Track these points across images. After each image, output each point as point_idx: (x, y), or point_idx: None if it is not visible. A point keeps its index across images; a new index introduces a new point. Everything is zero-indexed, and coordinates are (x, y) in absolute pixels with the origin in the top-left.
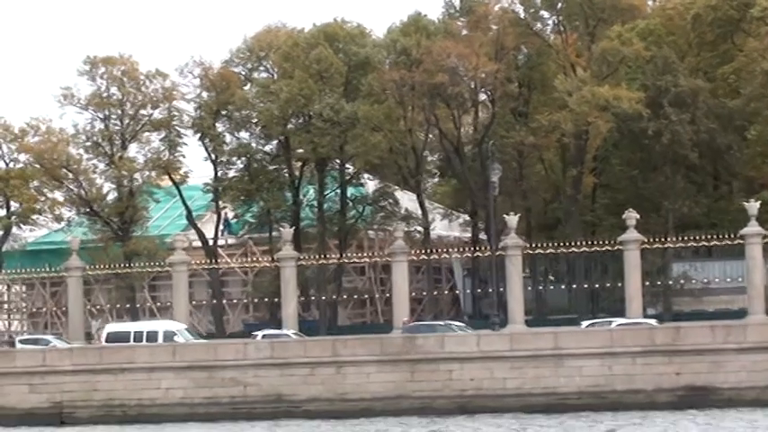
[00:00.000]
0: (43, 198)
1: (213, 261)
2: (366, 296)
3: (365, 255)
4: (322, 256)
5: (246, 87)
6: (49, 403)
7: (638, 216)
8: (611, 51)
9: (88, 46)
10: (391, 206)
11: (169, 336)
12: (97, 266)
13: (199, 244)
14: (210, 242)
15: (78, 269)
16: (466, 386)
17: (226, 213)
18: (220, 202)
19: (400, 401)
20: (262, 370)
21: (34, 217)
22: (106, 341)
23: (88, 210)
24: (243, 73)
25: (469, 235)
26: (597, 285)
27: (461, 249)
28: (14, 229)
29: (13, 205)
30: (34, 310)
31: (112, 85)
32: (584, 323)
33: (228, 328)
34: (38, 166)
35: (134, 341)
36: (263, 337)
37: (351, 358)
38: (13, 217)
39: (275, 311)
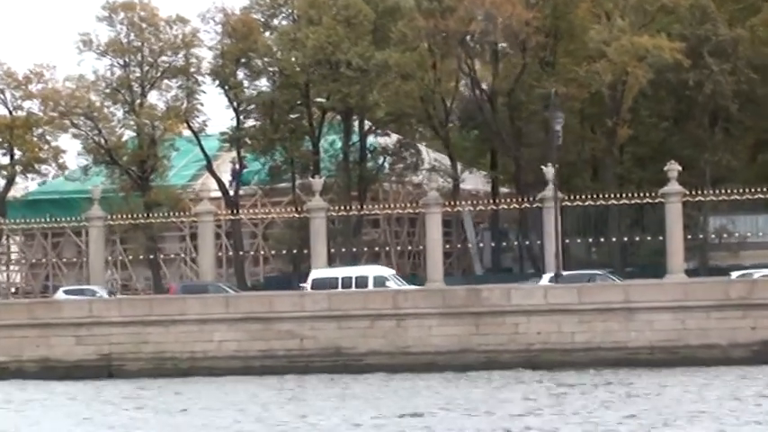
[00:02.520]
0: (47, 146)
1: (234, 212)
2: (386, 248)
3: (396, 206)
4: (349, 207)
5: (266, 35)
6: (96, 355)
7: (680, 168)
8: (649, 0)
9: None
10: (412, 157)
11: (380, 281)
12: (118, 216)
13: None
14: (230, 192)
15: (100, 219)
16: (532, 340)
17: (233, 164)
18: (233, 153)
19: (464, 356)
20: (319, 322)
21: (37, 166)
22: (311, 288)
23: (108, 159)
24: (262, 20)
25: (487, 188)
26: (638, 239)
27: (498, 202)
28: (18, 178)
29: (17, 154)
30: (34, 261)
31: (131, 31)
32: (734, 273)
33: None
34: (43, 114)
35: (342, 287)
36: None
37: (412, 311)
38: (17, 166)
39: (298, 263)
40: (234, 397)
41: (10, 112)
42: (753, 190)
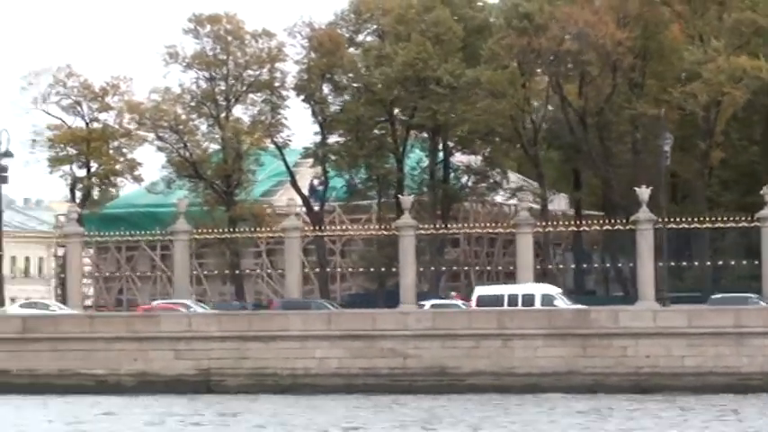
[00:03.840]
0: (122, 159)
1: (319, 228)
2: (465, 268)
3: (486, 225)
4: (438, 225)
5: (351, 50)
6: (195, 370)
7: None
8: (745, 21)
9: (192, 5)
10: (497, 176)
11: (547, 300)
12: (202, 231)
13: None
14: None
15: (185, 233)
16: (641, 363)
17: (312, 180)
18: (309, 168)
19: (570, 378)
20: (423, 341)
21: (113, 178)
22: (476, 305)
23: (192, 172)
24: (347, 35)
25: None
26: (732, 262)
27: (590, 223)
28: (94, 191)
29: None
30: (107, 274)
31: (217, 44)
32: None
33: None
34: (119, 126)
35: (508, 305)
36: (432, 306)
37: (518, 331)
38: (93, 178)
39: (383, 281)
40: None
41: (87, 124)
42: None
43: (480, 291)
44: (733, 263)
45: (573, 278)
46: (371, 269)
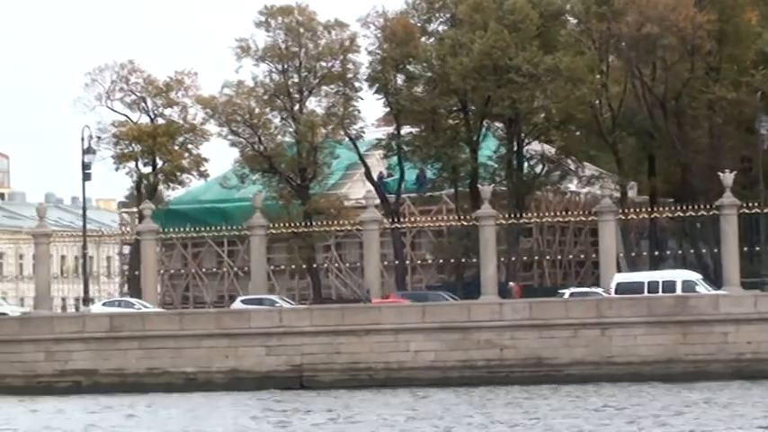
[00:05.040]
0: (188, 155)
1: (396, 220)
2: (537, 257)
3: (568, 213)
4: (517, 215)
5: (422, 39)
6: (287, 366)
7: None
8: None
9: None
10: (575, 164)
11: (689, 286)
12: (278, 225)
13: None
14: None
15: (262, 227)
16: (743, 350)
17: (381, 172)
18: (377, 160)
19: (671, 366)
20: (519, 332)
21: (179, 175)
22: (616, 292)
23: (266, 166)
24: (419, 24)
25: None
26: None
27: (674, 209)
28: (161, 188)
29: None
30: (173, 272)
31: (289, 36)
32: None
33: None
34: (183, 121)
35: (648, 292)
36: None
37: (617, 319)
38: (159, 174)
39: (462, 272)
40: None
41: (151, 120)
42: None
43: (619, 278)
44: None
45: (649, 265)
46: (451, 260)
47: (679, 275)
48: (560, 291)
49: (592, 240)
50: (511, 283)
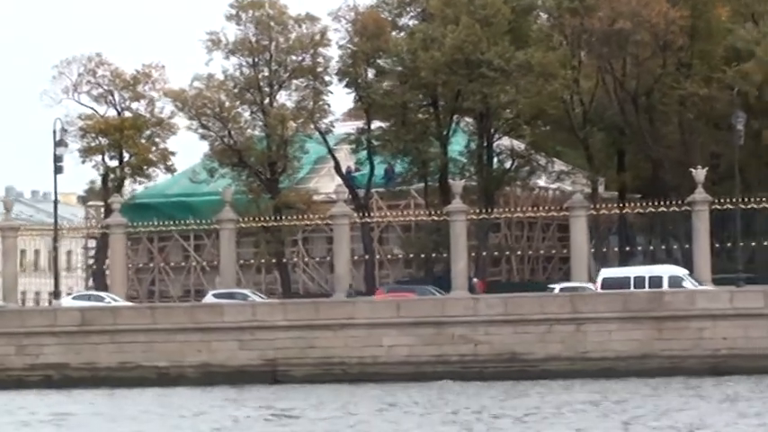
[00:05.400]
0: (154, 149)
1: (366, 214)
2: (506, 253)
3: (539, 209)
4: (488, 210)
5: (393, 34)
6: (260, 360)
7: None
8: None
9: None
10: (545, 159)
11: (676, 281)
12: (248, 219)
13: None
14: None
15: (232, 221)
16: (718, 345)
17: (349, 166)
18: (345, 155)
19: (646, 361)
20: (493, 327)
21: (145, 169)
22: (602, 287)
23: (236, 160)
24: (389, 18)
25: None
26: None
27: (645, 204)
28: (127, 182)
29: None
30: (140, 265)
31: (260, 29)
32: None
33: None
34: (150, 115)
35: (634, 287)
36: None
37: (592, 315)
38: (127, 168)
39: (431, 267)
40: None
41: (119, 114)
42: None
43: (606, 273)
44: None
45: (618, 261)
46: (422, 255)
47: (666, 271)
48: (550, 286)
49: (559, 236)
50: (474, 279)
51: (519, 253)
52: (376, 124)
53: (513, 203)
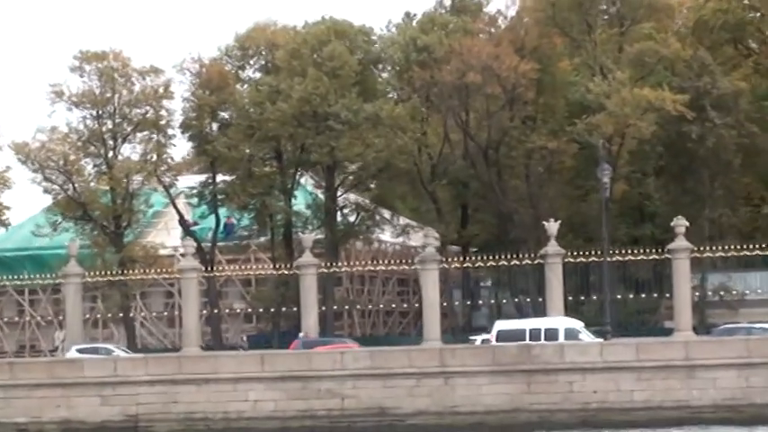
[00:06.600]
0: None
1: (210, 268)
2: (347, 307)
3: (391, 262)
4: (335, 264)
5: (237, 86)
6: (122, 416)
7: (687, 224)
8: (649, 52)
9: (78, 43)
10: (389, 213)
11: (572, 334)
12: (93, 274)
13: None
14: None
15: (78, 275)
16: (589, 399)
17: (187, 220)
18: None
19: (516, 415)
20: (361, 381)
21: None
22: (497, 339)
23: (80, 214)
24: (233, 71)
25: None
26: (643, 296)
27: (498, 258)
28: None
29: None
30: (6, 319)
31: (103, 81)
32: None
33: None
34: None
35: (530, 339)
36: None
37: (460, 368)
38: None
39: (277, 321)
40: None
41: None
42: (754, 246)
43: (500, 325)
44: (644, 296)
45: (460, 316)
46: (271, 309)
47: (562, 323)
48: (471, 337)
49: (399, 290)
50: (301, 333)
51: (358, 307)
52: (221, 177)
53: (355, 257)
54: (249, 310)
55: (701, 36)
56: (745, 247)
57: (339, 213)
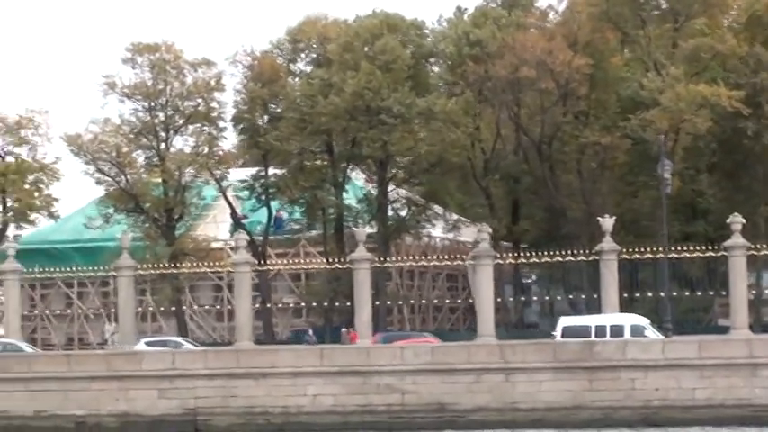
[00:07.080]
0: (38, 194)
1: (263, 262)
2: (399, 303)
3: (445, 257)
4: (388, 258)
5: (289, 79)
6: (180, 409)
7: (743, 221)
8: (704, 47)
9: (131, 35)
10: (441, 208)
11: (637, 330)
12: (145, 266)
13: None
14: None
15: (130, 268)
16: (651, 396)
17: (237, 214)
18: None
19: (577, 412)
20: (421, 376)
21: (29, 214)
22: (561, 336)
23: (132, 206)
24: (284, 64)
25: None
26: (699, 293)
27: (553, 254)
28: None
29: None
30: (25, 313)
31: (155, 73)
32: None
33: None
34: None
35: (595, 336)
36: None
37: (521, 365)
38: (10, 214)
39: (330, 316)
40: None
41: (2, 158)
42: None
43: (565, 321)
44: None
45: (513, 312)
46: (324, 304)
47: (627, 320)
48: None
49: (448, 285)
50: (343, 330)
51: (411, 302)
52: (272, 170)
53: (405, 252)
54: (302, 304)
55: (754, 31)
56: None
57: (390, 208)
